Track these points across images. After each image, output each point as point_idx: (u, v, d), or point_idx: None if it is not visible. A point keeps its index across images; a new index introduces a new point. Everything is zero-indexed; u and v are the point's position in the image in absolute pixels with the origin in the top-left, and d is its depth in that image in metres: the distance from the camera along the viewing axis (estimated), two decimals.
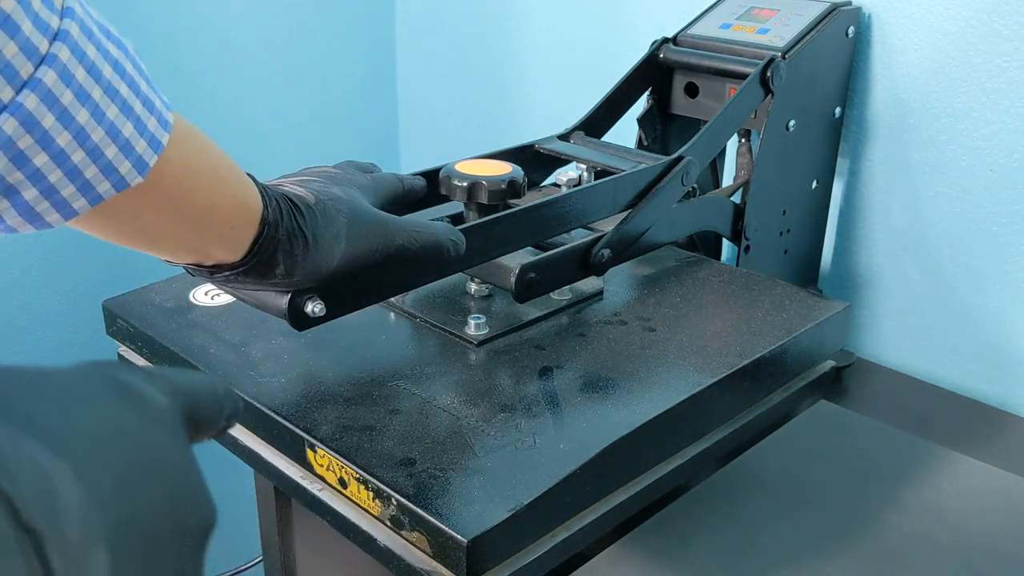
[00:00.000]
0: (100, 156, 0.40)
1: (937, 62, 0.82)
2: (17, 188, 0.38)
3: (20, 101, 0.36)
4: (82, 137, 0.39)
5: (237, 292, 0.57)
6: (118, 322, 0.70)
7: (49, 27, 0.37)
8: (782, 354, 0.66)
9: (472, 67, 1.26)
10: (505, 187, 0.67)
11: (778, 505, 0.62)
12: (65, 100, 0.37)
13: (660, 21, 1.01)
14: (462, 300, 0.71)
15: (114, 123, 0.40)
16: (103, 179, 0.40)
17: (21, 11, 0.35)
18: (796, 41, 0.81)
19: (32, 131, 0.37)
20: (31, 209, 0.39)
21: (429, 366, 0.62)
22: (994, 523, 0.60)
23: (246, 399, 0.59)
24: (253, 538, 0.84)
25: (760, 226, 0.83)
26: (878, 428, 0.71)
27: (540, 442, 0.54)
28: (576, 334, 0.67)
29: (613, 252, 0.70)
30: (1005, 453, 0.72)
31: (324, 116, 1.32)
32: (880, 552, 0.58)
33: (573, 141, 0.84)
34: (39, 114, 0.37)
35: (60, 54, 0.37)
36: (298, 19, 1.25)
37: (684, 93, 0.89)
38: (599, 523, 0.56)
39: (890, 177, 0.87)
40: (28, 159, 0.37)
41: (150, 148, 0.42)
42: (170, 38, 1.13)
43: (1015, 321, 0.81)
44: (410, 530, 0.50)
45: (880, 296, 0.90)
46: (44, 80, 0.37)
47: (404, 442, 0.54)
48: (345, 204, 0.54)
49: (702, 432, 0.63)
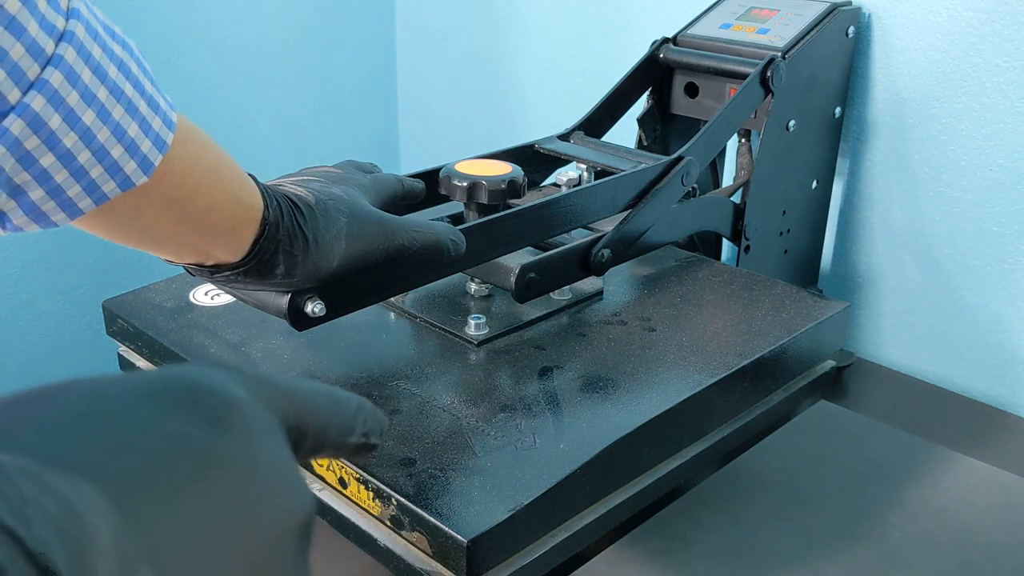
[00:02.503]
0: (106, 156, 0.40)
1: (937, 62, 0.82)
2: (24, 188, 0.38)
3: (27, 102, 0.36)
4: (88, 137, 0.39)
5: (237, 292, 0.56)
6: (118, 322, 0.70)
7: (55, 28, 0.37)
8: (782, 354, 0.66)
9: (472, 67, 1.26)
10: (505, 187, 0.67)
11: (778, 505, 0.62)
12: (71, 101, 0.38)
13: (660, 21, 1.01)
14: (462, 300, 0.71)
15: (119, 123, 0.40)
16: (108, 179, 0.40)
17: (27, 12, 0.36)
18: (796, 41, 0.81)
19: (39, 132, 0.37)
20: (37, 209, 0.39)
21: (429, 366, 0.62)
22: (994, 523, 0.60)
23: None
24: None
25: (760, 226, 0.83)
26: (878, 428, 0.71)
27: (540, 442, 0.54)
28: (576, 334, 0.67)
29: (613, 252, 0.70)
30: (1005, 453, 0.72)
31: (324, 116, 1.32)
32: (880, 552, 0.57)
33: (573, 141, 0.84)
34: (45, 115, 0.37)
35: (66, 55, 0.37)
36: (298, 19, 1.25)
37: (684, 93, 0.89)
38: (599, 523, 0.56)
39: (890, 177, 0.87)
40: (35, 160, 0.37)
41: (155, 148, 0.42)
42: (170, 39, 1.14)
43: (1015, 321, 0.81)
44: (410, 530, 0.50)
45: (880, 296, 0.90)
46: (50, 81, 0.37)
47: (404, 442, 0.54)
48: (345, 204, 0.54)
49: (702, 432, 0.63)
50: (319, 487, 0.56)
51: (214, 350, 0.64)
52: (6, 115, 0.36)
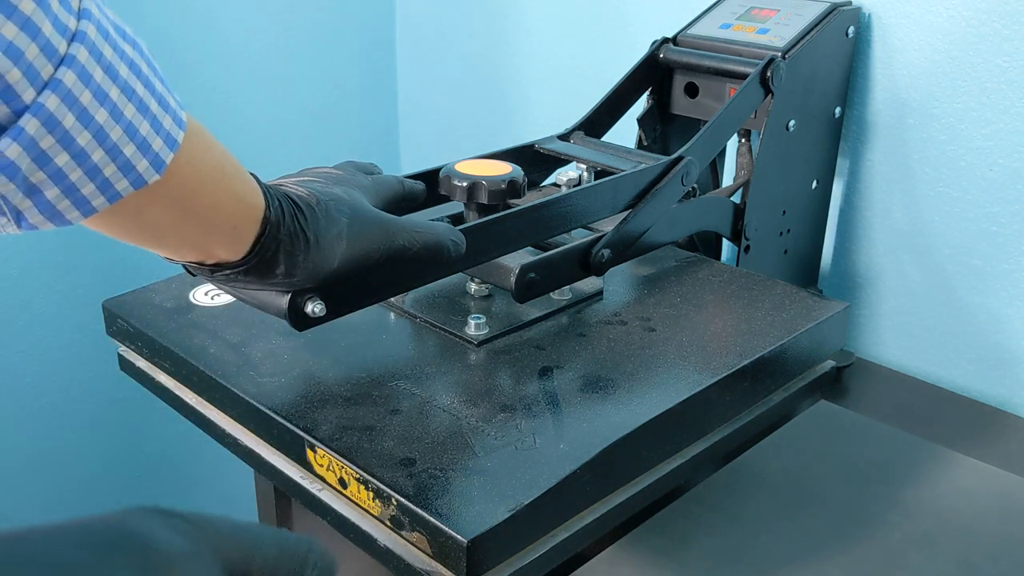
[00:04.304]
0: (119, 154, 0.40)
1: (937, 62, 0.82)
2: (40, 188, 0.39)
3: (42, 102, 0.37)
4: (101, 136, 0.39)
5: (237, 292, 0.57)
6: (118, 322, 0.70)
7: (67, 28, 0.37)
8: (782, 354, 0.66)
9: (472, 67, 1.26)
10: (505, 187, 0.67)
11: (778, 505, 0.62)
12: (84, 100, 0.38)
13: (660, 21, 1.01)
14: (462, 300, 0.71)
15: (131, 122, 0.40)
16: (121, 177, 0.41)
17: (41, 13, 0.36)
18: (796, 41, 0.81)
19: (53, 131, 0.37)
20: (53, 208, 0.40)
21: (429, 366, 0.62)
22: (994, 523, 0.60)
23: (246, 399, 0.59)
24: None
25: (760, 226, 0.83)
26: (878, 428, 0.71)
27: (540, 442, 0.54)
28: (576, 334, 0.67)
29: (613, 252, 0.70)
30: (1005, 453, 0.73)
31: (324, 116, 1.32)
32: (880, 552, 0.58)
33: (573, 141, 0.84)
34: (60, 114, 0.37)
35: (78, 55, 0.38)
36: (298, 19, 1.25)
37: (684, 93, 0.89)
38: (599, 523, 0.56)
39: (890, 177, 0.87)
40: (50, 159, 0.38)
41: (166, 146, 0.43)
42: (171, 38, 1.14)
43: (1015, 321, 0.81)
44: (410, 530, 0.50)
45: (880, 296, 0.90)
46: (64, 81, 0.37)
47: (404, 442, 0.54)
48: (346, 205, 0.54)
49: (702, 432, 0.63)
50: (319, 487, 0.56)
51: (214, 350, 0.64)
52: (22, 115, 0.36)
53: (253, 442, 0.61)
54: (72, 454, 1.23)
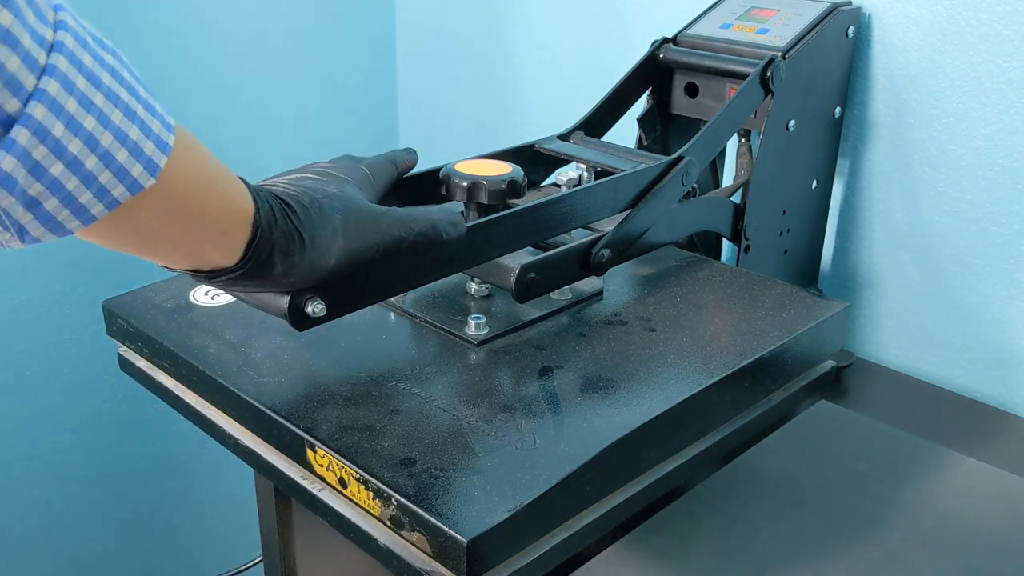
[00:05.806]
0: (112, 160, 0.41)
1: (937, 62, 0.82)
2: (39, 199, 0.39)
3: (29, 112, 0.37)
4: (92, 142, 0.40)
5: (237, 293, 0.57)
6: (118, 322, 0.70)
7: (45, 39, 0.38)
8: (782, 354, 0.66)
9: (472, 67, 1.26)
10: (505, 187, 0.67)
11: (778, 505, 0.62)
12: (70, 108, 0.38)
13: (660, 21, 1.01)
14: (462, 300, 0.71)
15: (120, 127, 0.41)
16: (117, 183, 0.41)
17: (19, 25, 0.37)
18: (796, 41, 0.81)
19: (44, 140, 0.38)
20: (53, 218, 0.40)
21: (429, 366, 0.62)
22: (994, 523, 0.60)
23: (246, 399, 0.59)
24: (253, 538, 0.84)
25: (760, 226, 0.83)
26: (878, 428, 0.71)
27: (540, 442, 0.54)
28: (576, 334, 0.67)
29: (613, 252, 0.70)
30: (1005, 453, 0.73)
31: (324, 116, 1.32)
32: (880, 552, 0.58)
33: (573, 141, 0.84)
34: (48, 123, 0.38)
35: (59, 64, 0.38)
36: (298, 19, 1.25)
37: (684, 93, 0.89)
38: (599, 523, 0.56)
39: (890, 177, 0.87)
40: (45, 169, 0.38)
41: (158, 150, 0.43)
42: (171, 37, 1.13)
43: (1015, 321, 0.81)
44: (410, 530, 0.50)
45: (880, 296, 0.90)
46: (48, 90, 0.38)
47: (404, 442, 0.54)
48: (340, 201, 0.54)
49: (702, 432, 0.63)
50: (319, 487, 0.56)
51: (214, 350, 0.64)
52: (11, 126, 0.37)
53: (253, 442, 0.61)
54: (72, 454, 1.23)
